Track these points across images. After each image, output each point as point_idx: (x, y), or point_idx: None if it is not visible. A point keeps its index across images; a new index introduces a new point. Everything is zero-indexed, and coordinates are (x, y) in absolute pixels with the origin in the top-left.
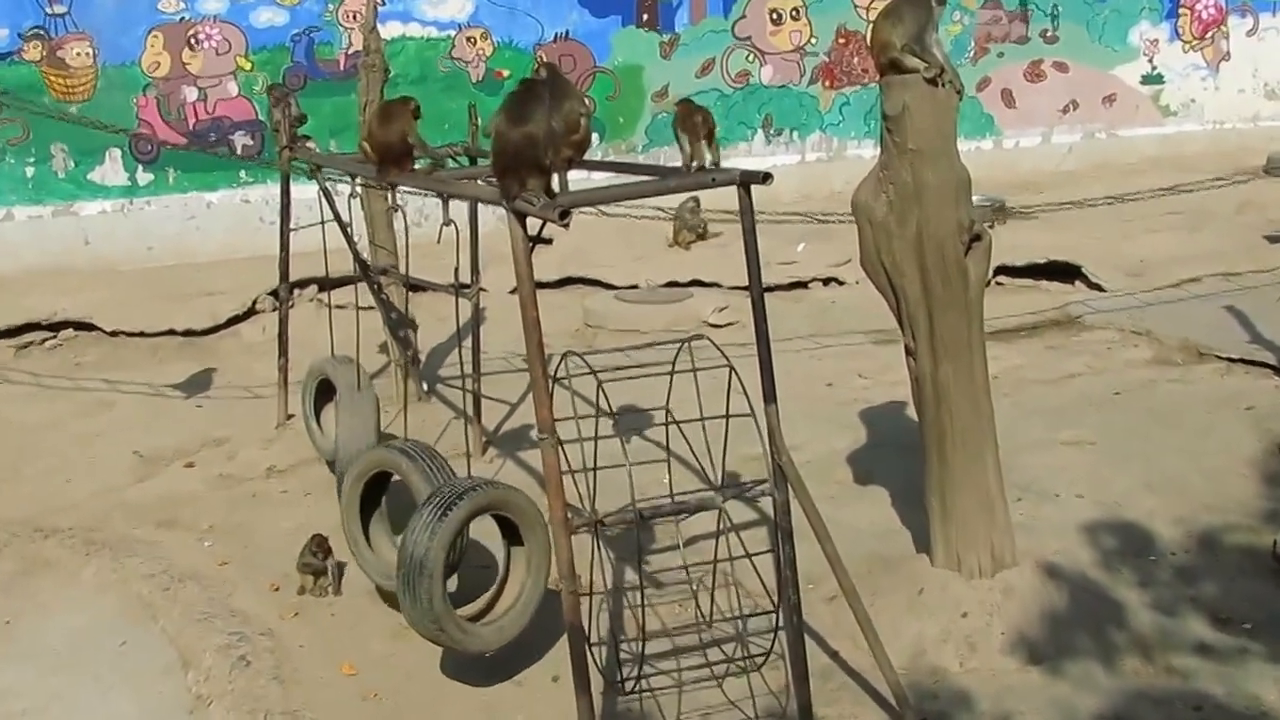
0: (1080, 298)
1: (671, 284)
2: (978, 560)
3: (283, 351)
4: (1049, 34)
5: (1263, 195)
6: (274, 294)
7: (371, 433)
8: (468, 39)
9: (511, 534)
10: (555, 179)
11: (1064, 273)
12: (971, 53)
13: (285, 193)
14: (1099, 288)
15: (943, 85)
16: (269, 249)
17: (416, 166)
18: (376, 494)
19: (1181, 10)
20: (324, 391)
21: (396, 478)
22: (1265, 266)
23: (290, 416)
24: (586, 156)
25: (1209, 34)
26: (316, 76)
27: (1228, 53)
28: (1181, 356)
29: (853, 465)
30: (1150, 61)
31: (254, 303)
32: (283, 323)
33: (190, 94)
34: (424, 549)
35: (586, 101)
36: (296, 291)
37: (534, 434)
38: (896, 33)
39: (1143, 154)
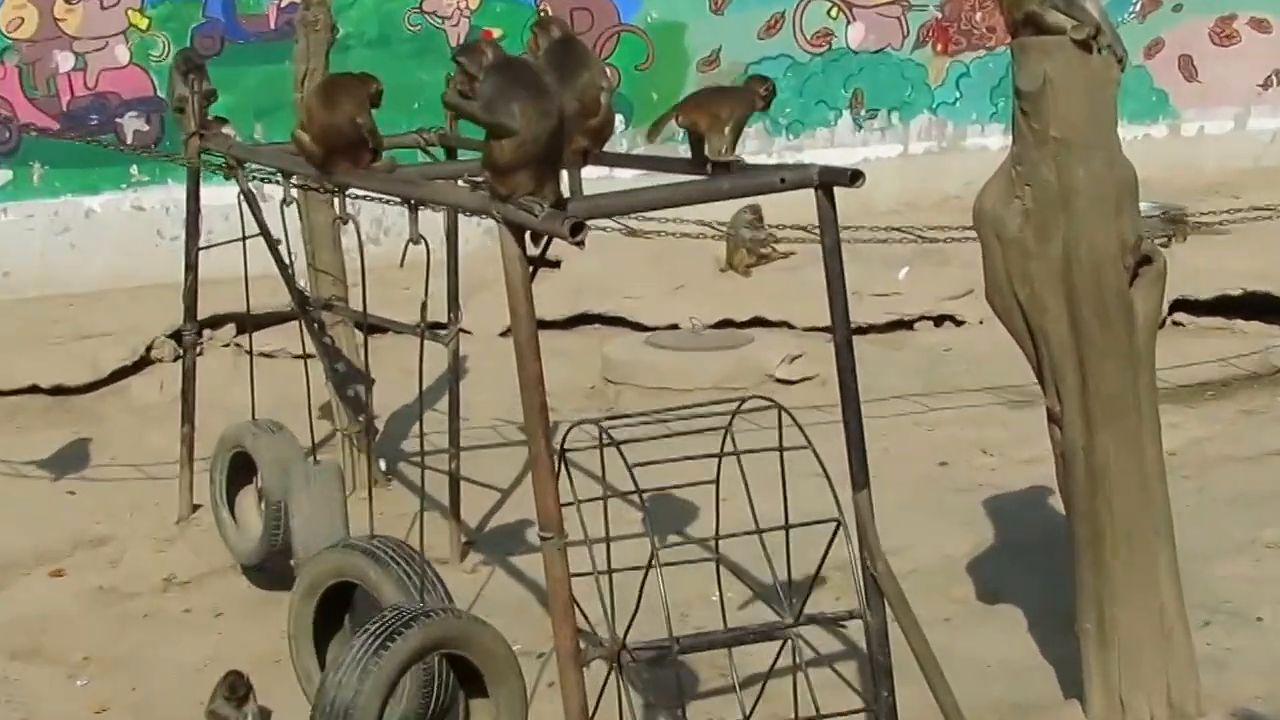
0: None
1: (725, 324)
2: (1149, 707)
3: (188, 416)
4: None
5: None
6: (176, 337)
7: (339, 524)
8: None
9: (473, 681)
10: (565, 179)
11: (1266, 308)
12: (1138, 6)
13: (193, 197)
14: None
15: (1098, 50)
16: (171, 275)
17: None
18: (338, 612)
19: None
20: (240, 469)
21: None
22: None
23: (198, 507)
24: (607, 148)
25: None
26: (237, 38)
27: None
28: None
29: (975, 576)
30: None
31: (149, 349)
32: (188, 377)
33: (65, 62)
34: (351, 694)
35: (608, 73)
36: (207, 333)
37: (534, 533)
38: None
39: None
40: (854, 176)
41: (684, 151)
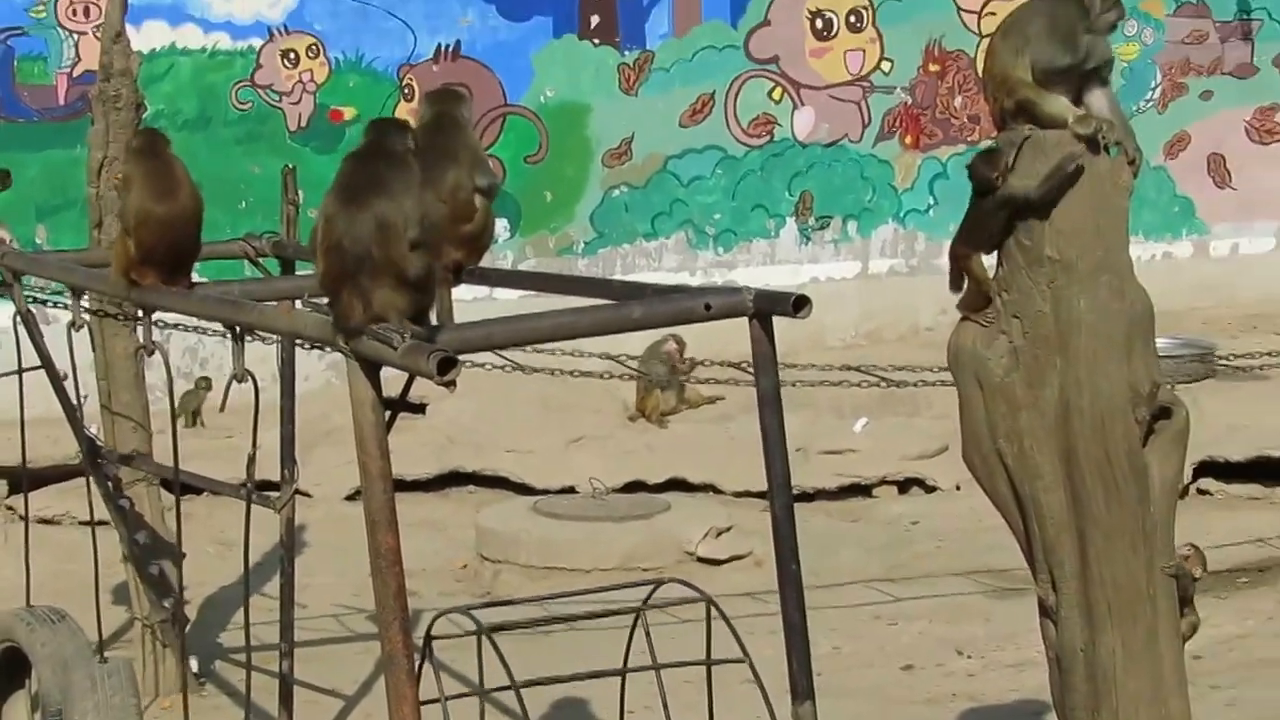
0: None
1: (635, 486)
2: None
3: None
4: None
5: None
6: None
7: None
8: (285, 55)
9: None
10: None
11: None
12: (1157, 91)
13: None
14: None
15: (1106, 148)
16: None
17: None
18: None
19: None
20: (7, 670)
21: None
22: None
23: None
24: (486, 261)
25: None
26: (15, 115)
27: None
28: None
29: None
30: None
31: None
32: None
33: None
34: None
35: (491, 166)
36: None
37: None
38: (1025, 58)
39: None
40: (799, 303)
41: (584, 266)
